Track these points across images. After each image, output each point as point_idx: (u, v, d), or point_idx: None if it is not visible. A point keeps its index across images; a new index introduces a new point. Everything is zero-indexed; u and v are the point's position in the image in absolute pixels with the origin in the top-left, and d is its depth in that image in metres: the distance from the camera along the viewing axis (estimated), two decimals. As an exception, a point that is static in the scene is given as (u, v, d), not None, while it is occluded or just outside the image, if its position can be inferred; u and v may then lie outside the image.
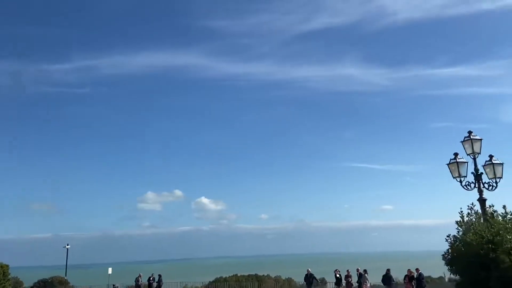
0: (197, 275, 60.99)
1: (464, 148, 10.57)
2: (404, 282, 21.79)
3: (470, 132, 10.54)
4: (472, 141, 10.32)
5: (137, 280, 30.86)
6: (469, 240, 7.83)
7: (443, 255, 9.18)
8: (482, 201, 9.77)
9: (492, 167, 10.13)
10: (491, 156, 10.34)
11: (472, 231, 8.05)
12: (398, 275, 25.81)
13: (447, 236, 9.15)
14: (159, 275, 31.22)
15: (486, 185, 10.10)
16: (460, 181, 10.18)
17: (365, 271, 22.59)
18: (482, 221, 9.12)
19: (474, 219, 9.14)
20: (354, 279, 23.50)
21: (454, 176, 10.27)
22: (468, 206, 9.55)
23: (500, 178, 10.16)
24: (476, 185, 10.06)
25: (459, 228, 9.10)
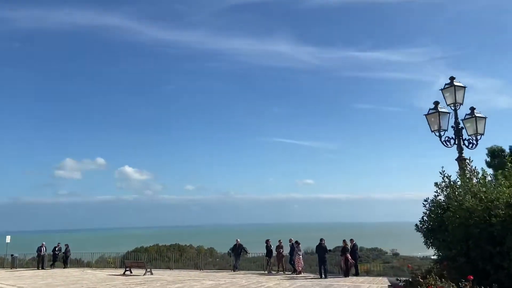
0: (115, 245, 57.84)
1: (444, 97, 8.82)
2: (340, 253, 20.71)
3: (452, 78, 8.79)
4: (455, 88, 8.59)
5: (39, 250, 26.97)
6: (469, 204, 6.00)
7: (418, 225, 7.42)
8: (462, 160, 8.15)
9: (474, 121, 8.52)
10: (472, 109, 8.74)
11: (470, 193, 6.24)
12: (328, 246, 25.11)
13: (425, 201, 7.36)
14: (66, 245, 27.65)
15: (466, 142, 8.51)
16: (440, 136, 8.45)
17: (297, 242, 21.14)
18: (460, 183, 7.43)
19: (453, 183, 7.39)
20: (286, 250, 22.02)
21: (433, 129, 8.50)
22: (441, 168, 7.86)
23: (481, 134, 8.63)
24: (456, 142, 8.43)
25: (440, 191, 7.32)
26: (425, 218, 7.31)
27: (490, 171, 28.92)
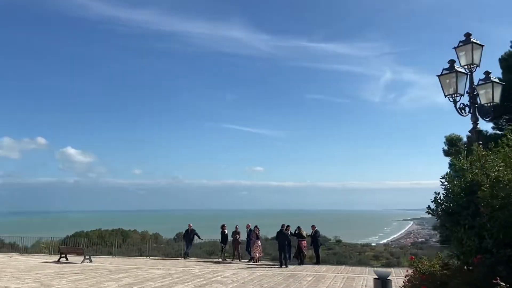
0: (54, 230, 54.12)
1: (458, 57, 7.35)
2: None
3: (468, 35, 7.33)
4: (472, 45, 7.16)
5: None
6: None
7: (431, 207, 5.96)
8: (477, 132, 6.82)
9: (490, 86, 7.18)
10: (488, 73, 7.39)
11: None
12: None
13: (443, 178, 5.89)
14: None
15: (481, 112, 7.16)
16: (455, 101, 7.02)
17: (256, 227, 19.59)
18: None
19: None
20: (243, 236, 20.43)
21: (447, 93, 7.01)
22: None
23: (497, 103, 7.33)
24: (471, 110, 7.07)
25: (465, 165, 5.89)
26: (441, 197, 5.86)
27: (447, 159, 29.29)
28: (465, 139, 29.20)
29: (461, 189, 5.62)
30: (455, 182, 5.75)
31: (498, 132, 28.33)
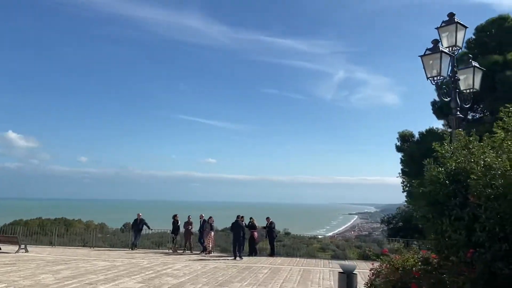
0: (-12, 217, 50.25)
1: (440, 38, 6.85)
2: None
3: (452, 15, 6.86)
4: (456, 26, 6.68)
5: None
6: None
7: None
8: (458, 119, 6.37)
9: (472, 72, 6.76)
10: (469, 57, 6.97)
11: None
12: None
13: (427, 164, 5.38)
14: None
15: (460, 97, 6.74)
16: (438, 84, 6.50)
17: (210, 218, 18.74)
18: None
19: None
20: (195, 227, 19.53)
21: (429, 75, 6.44)
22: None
23: (476, 90, 6.93)
24: (453, 95, 6.60)
25: (450, 152, 5.42)
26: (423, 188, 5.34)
27: (399, 155, 29.86)
28: (417, 135, 30.00)
29: (445, 177, 5.13)
30: (440, 170, 5.25)
31: (448, 130, 29.42)
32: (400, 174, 30.52)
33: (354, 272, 7.99)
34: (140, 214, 20.44)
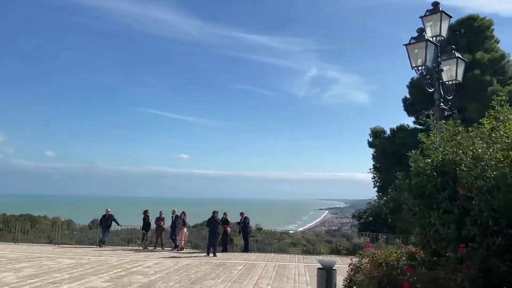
0: None
1: (424, 27, 6.67)
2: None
3: (436, 4, 6.65)
4: (441, 15, 6.50)
5: None
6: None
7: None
8: (441, 110, 6.21)
9: (455, 63, 6.63)
10: (452, 48, 6.85)
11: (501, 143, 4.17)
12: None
13: (412, 156, 5.16)
14: None
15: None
16: (422, 74, 6.29)
17: (183, 213, 18.24)
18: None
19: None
20: (167, 223, 18.98)
21: (414, 65, 6.21)
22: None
23: (459, 82, 6.82)
24: (436, 86, 6.42)
25: (430, 143, 5.24)
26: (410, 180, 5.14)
27: (371, 150, 30.12)
28: (388, 132, 30.37)
29: (432, 169, 4.94)
30: (427, 161, 5.05)
31: (418, 127, 29.92)
32: (371, 170, 30.90)
33: (333, 268, 7.78)
34: (109, 210, 19.69)
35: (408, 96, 27.93)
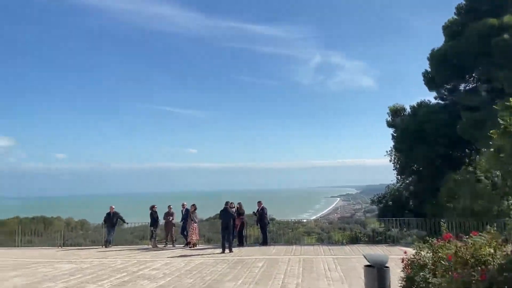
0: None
1: None
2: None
3: None
4: None
5: None
6: None
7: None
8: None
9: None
10: None
11: None
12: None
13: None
14: None
15: None
16: None
17: (193, 206, 16.64)
18: None
19: None
20: (177, 218, 17.45)
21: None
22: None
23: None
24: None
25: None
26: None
27: (391, 130, 28.14)
28: (408, 109, 28.42)
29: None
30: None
31: (440, 102, 27.91)
32: (389, 152, 29.03)
33: (386, 266, 6.11)
34: (113, 207, 18.19)
35: (428, 69, 25.97)
